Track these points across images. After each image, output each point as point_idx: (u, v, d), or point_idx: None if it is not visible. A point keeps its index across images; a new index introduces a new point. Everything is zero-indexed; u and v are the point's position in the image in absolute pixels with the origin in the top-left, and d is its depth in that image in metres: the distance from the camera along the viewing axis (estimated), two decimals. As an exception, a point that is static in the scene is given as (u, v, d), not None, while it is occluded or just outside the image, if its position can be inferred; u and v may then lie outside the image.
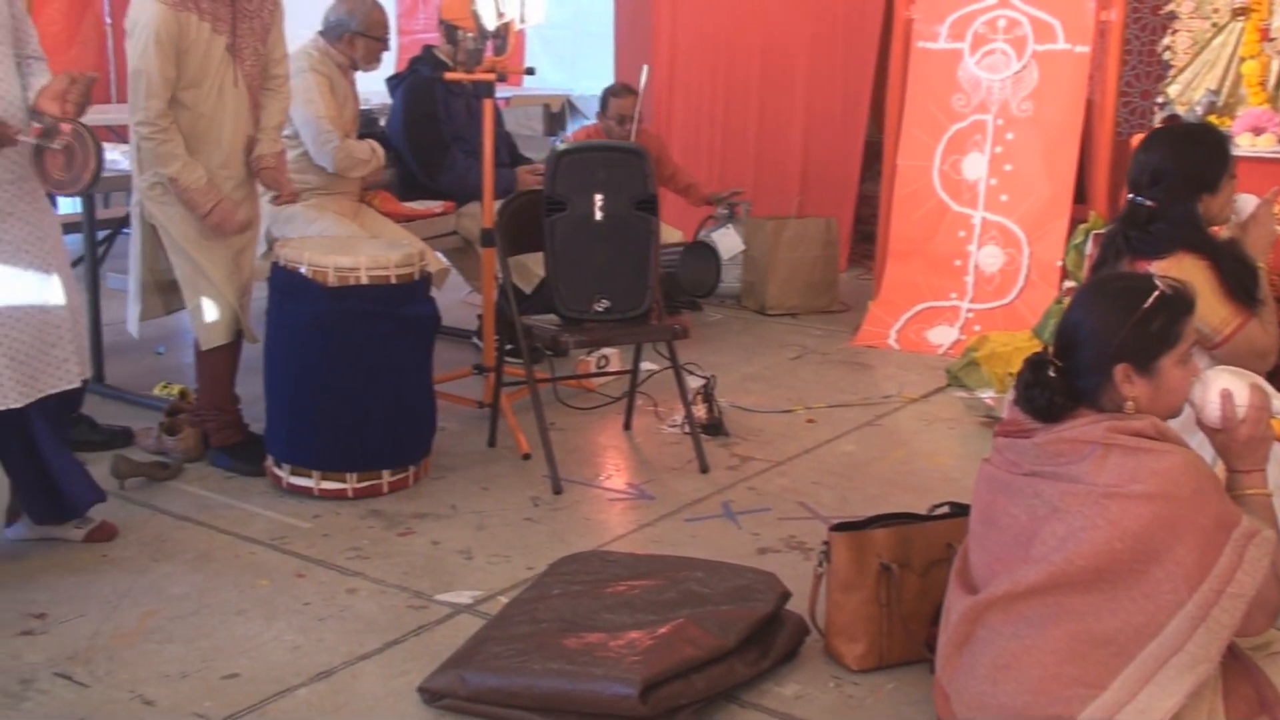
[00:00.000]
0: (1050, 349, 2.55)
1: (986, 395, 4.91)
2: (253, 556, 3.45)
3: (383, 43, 4.95)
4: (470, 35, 4.41)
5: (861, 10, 7.39)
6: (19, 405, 3.18)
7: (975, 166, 5.94)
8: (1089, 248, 4.94)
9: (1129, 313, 2.43)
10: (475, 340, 5.67)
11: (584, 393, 4.99)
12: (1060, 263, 5.66)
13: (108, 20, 8.87)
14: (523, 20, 4.50)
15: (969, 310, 5.89)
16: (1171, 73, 5.74)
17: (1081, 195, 6.16)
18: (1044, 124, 5.80)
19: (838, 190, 7.62)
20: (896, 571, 2.85)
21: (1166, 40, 5.78)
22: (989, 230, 5.91)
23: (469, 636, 2.87)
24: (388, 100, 5.82)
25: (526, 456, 4.25)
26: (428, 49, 5.55)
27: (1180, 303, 2.46)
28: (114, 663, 2.84)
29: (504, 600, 3.14)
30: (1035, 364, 2.51)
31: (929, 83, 6.02)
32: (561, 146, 4.23)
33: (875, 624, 2.85)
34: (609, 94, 6.51)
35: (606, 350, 5.08)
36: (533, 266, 4.96)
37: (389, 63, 5.71)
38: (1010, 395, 2.60)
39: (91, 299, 4.76)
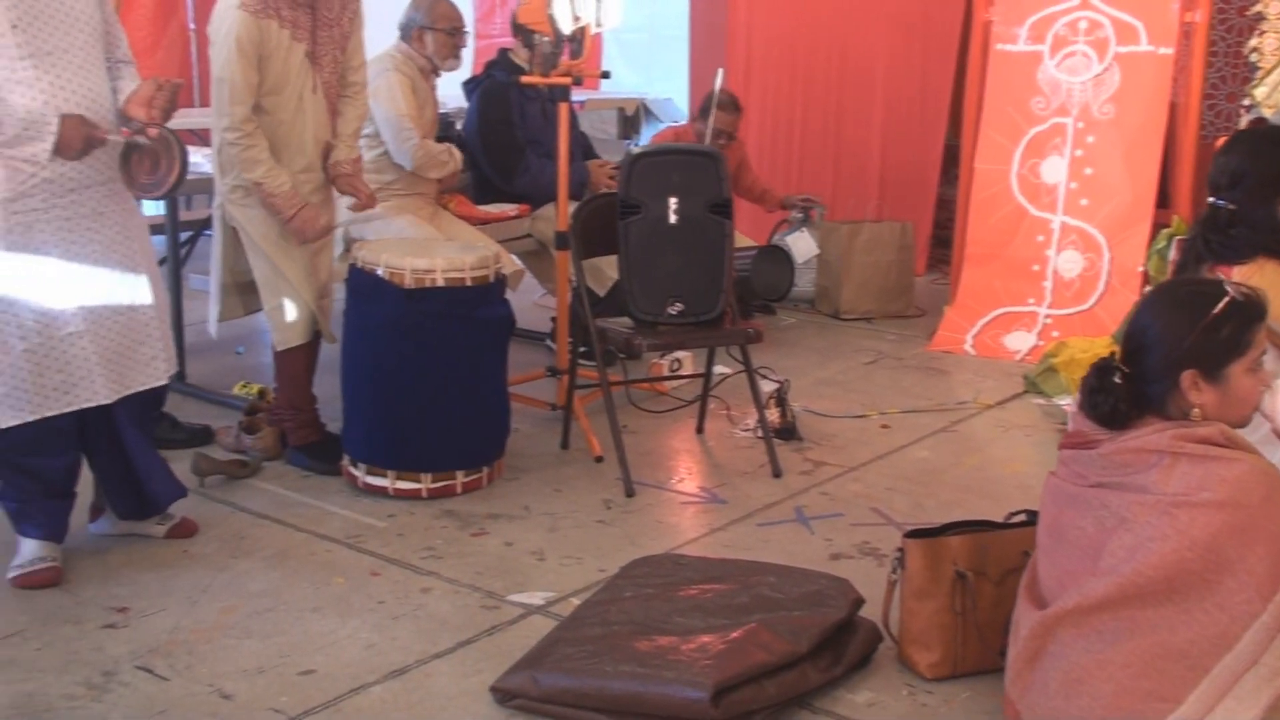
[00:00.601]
0: (1117, 354, 2.51)
1: (1065, 402, 4.84)
2: (329, 554, 3.50)
3: (451, 35, 4.91)
4: (547, 39, 4.43)
5: (941, 12, 7.33)
6: (109, 401, 3.26)
7: (1055, 170, 5.86)
8: (1172, 253, 4.85)
9: (1197, 318, 2.39)
10: (548, 342, 5.69)
11: (657, 396, 4.99)
12: (1142, 268, 5.57)
13: (191, 26, 9.04)
14: (599, 24, 4.51)
15: (1047, 316, 5.81)
16: (1259, 75, 5.61)
17: (1165, 199, 6.05)
18: (1126, 127, 5.71)
19: (917, 194, 7.56)
20: (972, 579, 2.81)
21: (1253, 42, 5.66)
22: (1068, 235, 5.83)
23: (541, 637, 2.89)
24: (464, 104, 5.87)
25: (599, 459, 4.26)
26: (503, 52, 5.58)
27: (1251, 309, 2.41)
28: (193, 657, 2.88)
29: (576, 602, 3.15)
30: (1101, 369, 2.48)
31: (1008, 85, 5.95)
32: (636, 150, 4.23)
33: (949, 632, 2.82)
34: (715, 105, 6.39)
35: (679, 353, 5.07)
36: (606, 269, 4.98)
37: (466, 66, 5.75)
38: (1075, 403, 2.56)
39: (174, 299, 4.84)
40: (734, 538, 3.68)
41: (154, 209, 5.67)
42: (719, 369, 4.68)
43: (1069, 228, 5.83)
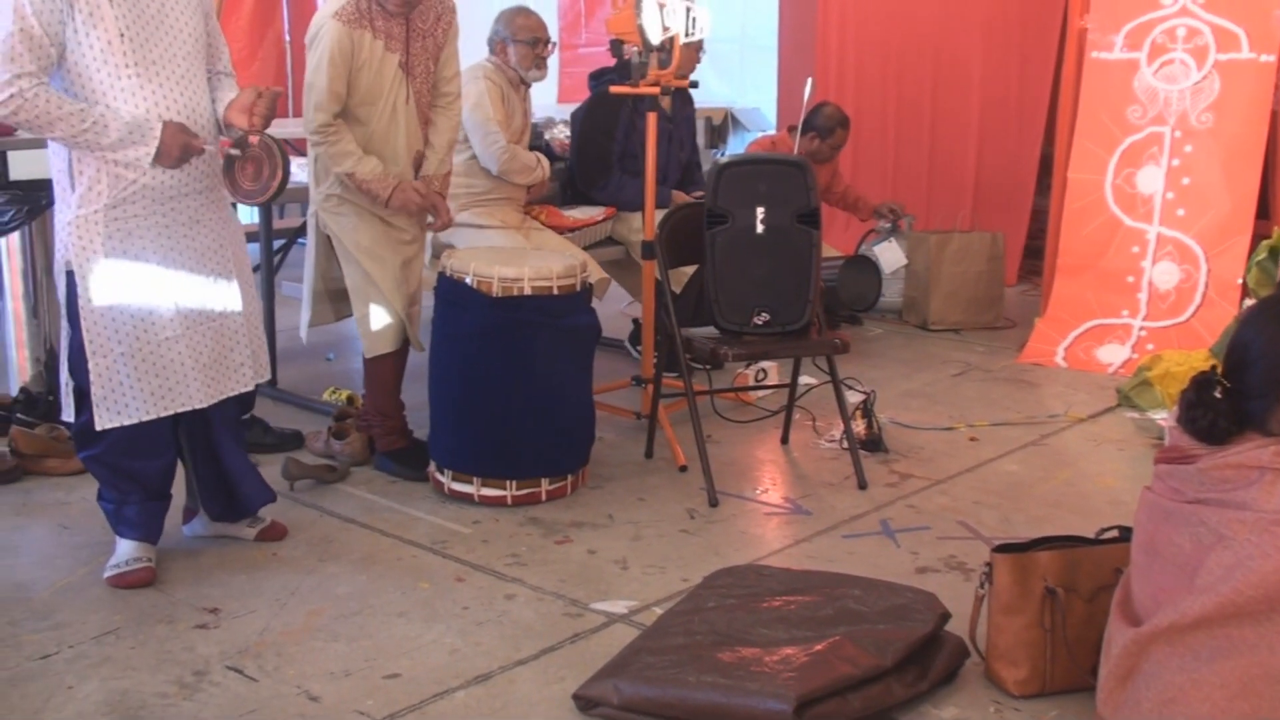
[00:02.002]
0: (1218, 368, 2.46)
1: (1160, 416, 4.75)
2: (414, 560, 3.53)
3: (533, 46, 4.91)
4: (635, 49, 4.44)
5: (1038, 18, 7.26)
6: (203, 405, 3.32)
7: (1151, 180, 5.75)
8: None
9: None
10: (627, 345, 5.70)
11: (742, 406, 4.98)
12: (1241, 280, 5.44)
13: (287, 37, 9.22)
14: (688, 34, 4.51)
15: (1142, 328, 5.70)
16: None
17: (1265, 210, 5.91)
18: (1225, 136, 5.59)
19: (1012, 203, 7.50)
20: (1062, 595, 2.76)
21: (1359, 48, 5.51)
22: (1164, 246, 5.71)
23: (624, 646, 2.88)
24: (553, 115, 5.90)
25: (683, 468, 4.25)
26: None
27: None
28: (281, 658, 2.93)
29: (659, 611, 3.15)
30: (1201, 383, 2.43)
31: (1103, 94, 5.85)
32: (724, 160, 4.23)
33: (1038, 649, 2.77)
34: (836, 124, 6.38)
35: (765, 364, 5.05)
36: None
37: (554, 76, 5.77)
38: (1172, 417, 2.51)
39: (267, 306, 4.93)
40: (818, 549, 3.65)
41: (248, 217, 5.79)
42: (805, 379, 4.65)
43: (1165, 238, 5.71)
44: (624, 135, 5.43)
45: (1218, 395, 2.39)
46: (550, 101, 7.37)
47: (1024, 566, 2.78)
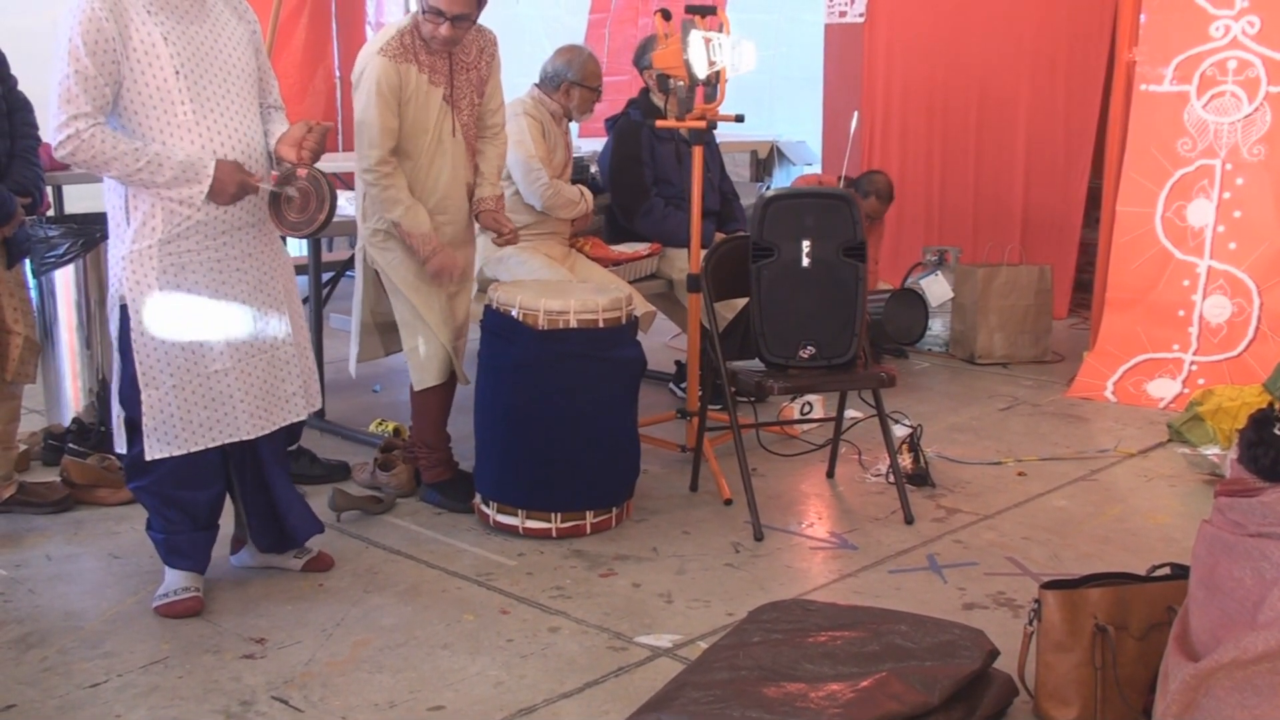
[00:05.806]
0: (1277, 405, 2.43)
1: (1211, 452, 4.69)
2: (459, 591, 3.53)
3: (597, 92, 5.08)
4: (682, 84, 4.46)
5: (1085, 51, 7.24)
6: (252, 436, 3.35)
7: (1201, 213, 5.70)
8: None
9: None
10: (671, 386, 5.70)
11: (787, 439, 4.96)
12: (1295, 314, 5.38)
13: (337, 73, 9.33)
14: (735, 68, 4.53)
15: (1193, 363, 5.64)
16: None
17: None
18: (1277, 169, 5.53)
19: (1059, 236, 7.47)
20: (1113, 633, 2.72)
21: None
22: (1215, 279, 5.65)
23: (668, 680, 2.87)
24: (598, 148, 5.94)
25: (728, 502, 4.24)
26: (644, 92, 5.64)
27: None
28: (327, 689, 2.93)
29: (703, 645, 3.13)
30: (1259, 421, 2.40)
31: (1152, 126, 5.81)
32: (769, 193, 4.23)
33: (1088, 688, 2.73)
34: (872, 190, 6.54)
35: (811, 397, 5.04)
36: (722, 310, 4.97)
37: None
38: (1233, 453, 2.48)
39: (315, 338, 4.97)
40: (864, 584, 3.63)
41: (297, 250, 5.85)
42: (850, 413, 4.63)
43: (1216, 272, 5.65)
44: (650, 158, 5.47)
45: (1278, 433, 2.36)
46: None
47: (1074, 603, 2.75)
